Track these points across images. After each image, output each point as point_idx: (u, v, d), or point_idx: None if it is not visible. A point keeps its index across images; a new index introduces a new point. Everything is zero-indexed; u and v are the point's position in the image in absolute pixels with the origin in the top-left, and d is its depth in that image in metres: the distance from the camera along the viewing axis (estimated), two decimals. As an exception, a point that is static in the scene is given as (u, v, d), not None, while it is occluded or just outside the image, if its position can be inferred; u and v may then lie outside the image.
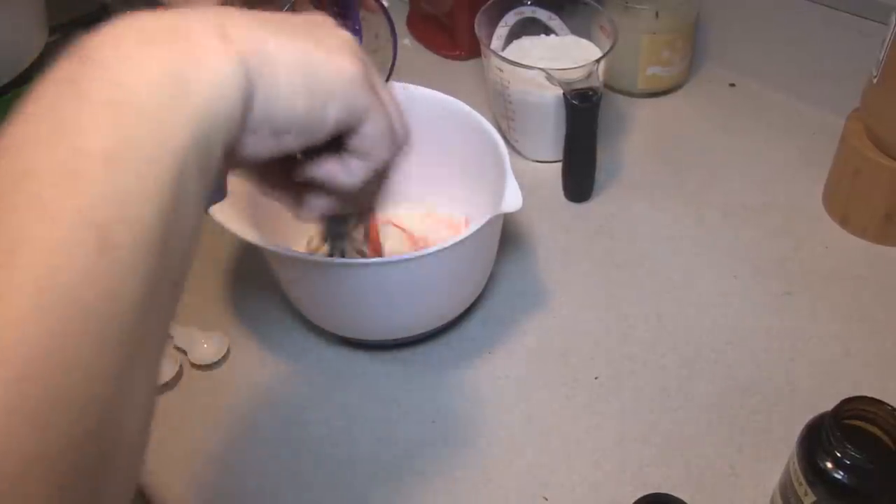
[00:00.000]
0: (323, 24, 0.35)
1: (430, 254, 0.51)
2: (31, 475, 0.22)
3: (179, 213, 0.27)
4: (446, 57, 0.89)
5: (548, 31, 0.76)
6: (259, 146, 0.31)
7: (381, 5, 0.57)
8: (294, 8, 0.55)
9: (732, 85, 0.83)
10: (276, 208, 0.59)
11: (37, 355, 0.22)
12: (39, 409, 0.22)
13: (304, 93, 0.31)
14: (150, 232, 0.25)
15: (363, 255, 0.52)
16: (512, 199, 0.52)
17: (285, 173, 0.38)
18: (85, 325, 0.23)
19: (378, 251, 0.58)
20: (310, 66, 0.32)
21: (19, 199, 0.23)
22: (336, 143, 0.36)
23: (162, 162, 0.26)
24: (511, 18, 0.75)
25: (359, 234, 0.51)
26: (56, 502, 0.22)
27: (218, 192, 0.39)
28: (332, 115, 0.33)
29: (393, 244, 0.64)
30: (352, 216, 0.48)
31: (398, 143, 0.38)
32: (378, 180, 0.40)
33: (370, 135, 0.35)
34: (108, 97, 0.26)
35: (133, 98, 0.26)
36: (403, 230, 0.66)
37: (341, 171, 0.37)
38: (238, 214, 0.54)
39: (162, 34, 0.28)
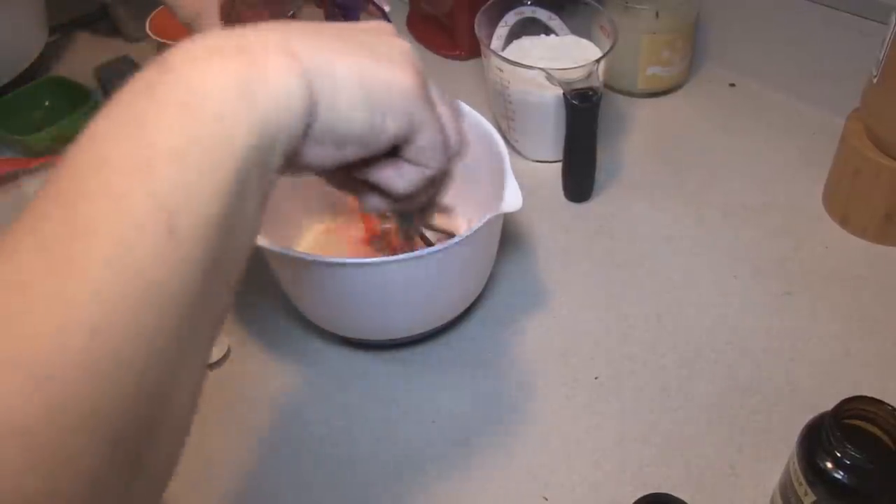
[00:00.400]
0: (381, 33, 0.37)
1: (430, 254, 0.51)
2: (89, 426, 0.24)
3: (239, 210, 0.29)
4: (446, 57, 0.89)
5: (548, 30, 0.76)
6: (322, 155, 0.34)
7: (382, 11, 0.57)
8: (295, 15, 0.55)
9: (732, 85, 0.83)
10: (277, 208, 0.59)
11: (106, 316, 0.24)
12: (105, 365, 0.24)
13: (363, 107, 0.33)
14: (212, 223, 0.27)
15: (427, 242, 0.55)
16: (512, 199, 0.53)
17: (348, 171, 0.40)
18: (150, 296, 0.25)
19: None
20: (369, 80, 0.33)
21: (95, 185, 0.26)
22: (394, 149, 0.38)
23: (225, 162, 0.28)
24: (511, 18, 0.75)
25: (422, 224, 0.53)
26: (106, 456, 0.24)
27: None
28: (391, 128, 0.35)
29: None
30: (411, 216, 0.49)
31: (452, 153, 0.40)
32: (434, 185, 0.42)
33: (424, 146, 0.37)
34: (180, 100, 0.28)
35: (202, 103, 0.28)
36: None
37: (397, 177, 0.39)
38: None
39: (232, 49, 0.30)
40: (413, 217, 0.49)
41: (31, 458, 0.23)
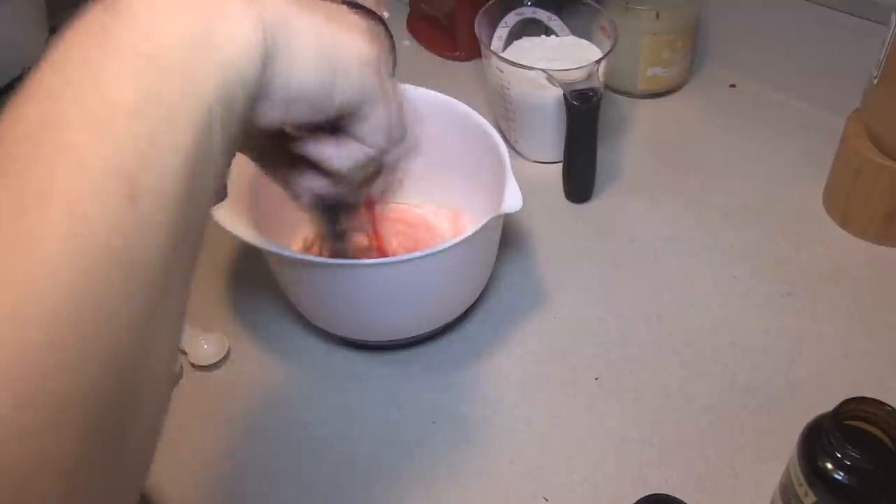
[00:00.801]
0: (346, 10, 0.36)
1: (429, 254, 0.51)
2: (64, 415, 0.22)
3: (203, 168, 0.27)
4: (446, 58, 0.89)
5: (548, 31, 0.76)
6: (269, 113, 0.32)
7: (381, 19, 0.56)
8: None
9: (733, 85, 0.83)
10: (277, 209, 0.58)
11: (69, 297, 0.22)
12: (72, 350, 0.22)
13: (318, 64, 0.32)
14: (175, 183, 0.26)
15: (353, 255, 0.52)
16: (512, 200, 0.52)
17: (285, 150, 0.39)
18: (114, 270, 0.24)
19: (382, 247, 0.58)
20: (328, 39, 0.32)
21: (49, 146, 0.24)
22: (337, 128, 0.37)
23: (187, 115, 0.26)
24: (511, 19, 0.75)
25: (352, 231, 0.51)
26: (86, 444, 0.23)
27: (218, 193, 0.39)
28: (343, 92, 0.34)
29: (402, 240, 0.64)
30: (344, 213, 0.47)
31: (395, 137, 0.38)
32: (374, 173, 0.41)
33: (370, 120, 0.36)
34: (136, 49, 0.26)
35: (161, 51, 0.26)
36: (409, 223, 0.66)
37: (336, 153, 0.38)
38: (238, 214, 0.54)
39: None
40: (340, 218, 0.47)
41: (1, 462, 0.21)
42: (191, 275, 0.29)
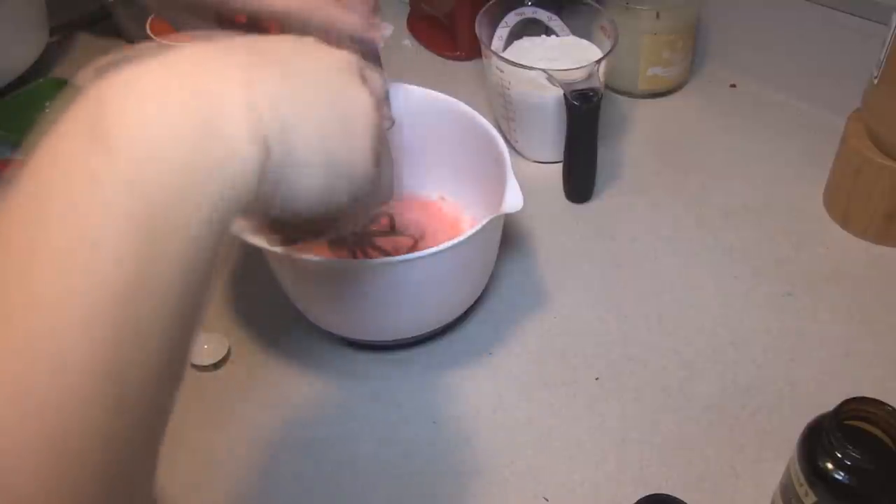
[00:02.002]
0: (348, 74, 0.35)
1: (430, 254, 0.51)
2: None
3: (194, 282, 0.27)
4: (447, 58, 0.89)
5: (548, 31, 0.76)
6: (271, 218, 0.33)
7: (376, 54, 0.54)
8: None
9: (733, 85, 0.83)
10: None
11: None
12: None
13: (323, 177, 0.32)
14: (167, 310, 0.26)
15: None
16: (513, 200, 0.52)
17: None
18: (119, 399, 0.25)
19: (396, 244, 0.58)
20: (332, 162, 0.33)
21: (28, 294, 0.24)
22: None
23: (185, 235, 0.26)
24: (511, 19, 0.75)
25: (361, 243, 0.51)
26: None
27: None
28: (343, 194, 0.34)
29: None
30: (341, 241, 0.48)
31: (383, 199, 0.41)
32: (359, 212, 0.40)
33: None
34: (128, 176, 0.25)
35: (154, 169, 0.25)
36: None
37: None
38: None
39: (186, 94, 0.27)
40: (341, 243, 0.48)
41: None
42: (199, 320, 0.28)
